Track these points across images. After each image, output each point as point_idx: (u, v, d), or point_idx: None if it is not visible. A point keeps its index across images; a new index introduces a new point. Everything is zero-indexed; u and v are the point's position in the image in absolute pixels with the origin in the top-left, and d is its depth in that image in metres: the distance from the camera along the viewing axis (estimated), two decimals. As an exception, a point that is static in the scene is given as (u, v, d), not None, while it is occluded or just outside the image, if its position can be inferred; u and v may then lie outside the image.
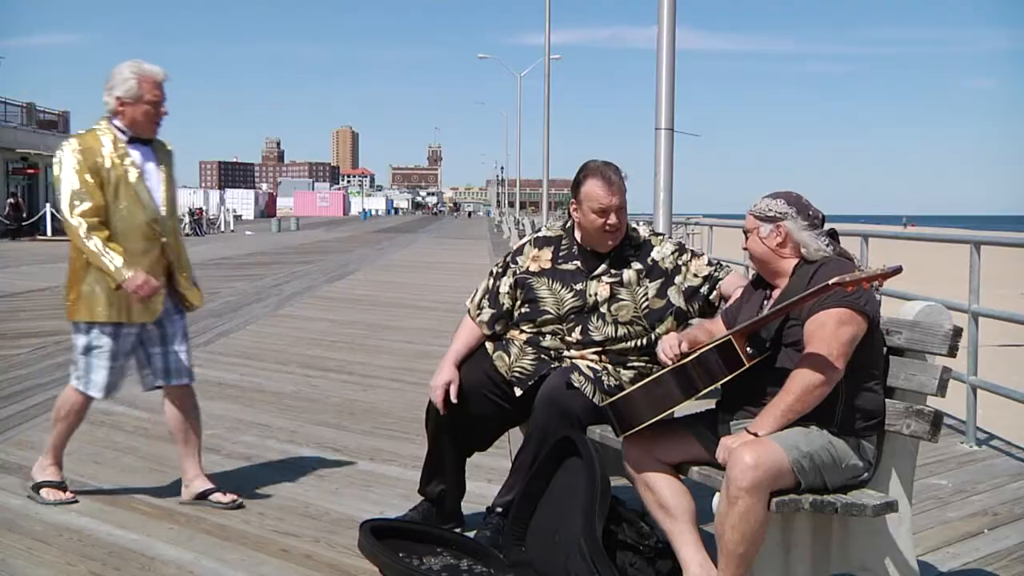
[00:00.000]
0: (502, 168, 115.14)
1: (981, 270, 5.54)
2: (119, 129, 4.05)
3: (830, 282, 2.78)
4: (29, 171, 40.27)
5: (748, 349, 2.93)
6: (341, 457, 4.99)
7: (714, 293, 3.73)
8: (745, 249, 3.25)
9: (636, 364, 3.71)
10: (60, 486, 4.19)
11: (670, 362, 3.05)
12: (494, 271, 3.95)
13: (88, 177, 3.94)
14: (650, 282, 3.71)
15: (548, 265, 3.80)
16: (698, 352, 2.96)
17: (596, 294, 3.69)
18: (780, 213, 3.11)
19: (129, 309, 4.01)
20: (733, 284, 3.69)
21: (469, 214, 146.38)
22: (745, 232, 3.21)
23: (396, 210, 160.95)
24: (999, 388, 5.53)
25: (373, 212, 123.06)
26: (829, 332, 2.87)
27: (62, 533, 3.84)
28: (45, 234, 34.77)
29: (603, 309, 3.68)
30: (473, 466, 4.07)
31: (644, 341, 3.69)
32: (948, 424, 5.56)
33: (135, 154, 4.07)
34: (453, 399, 3.72)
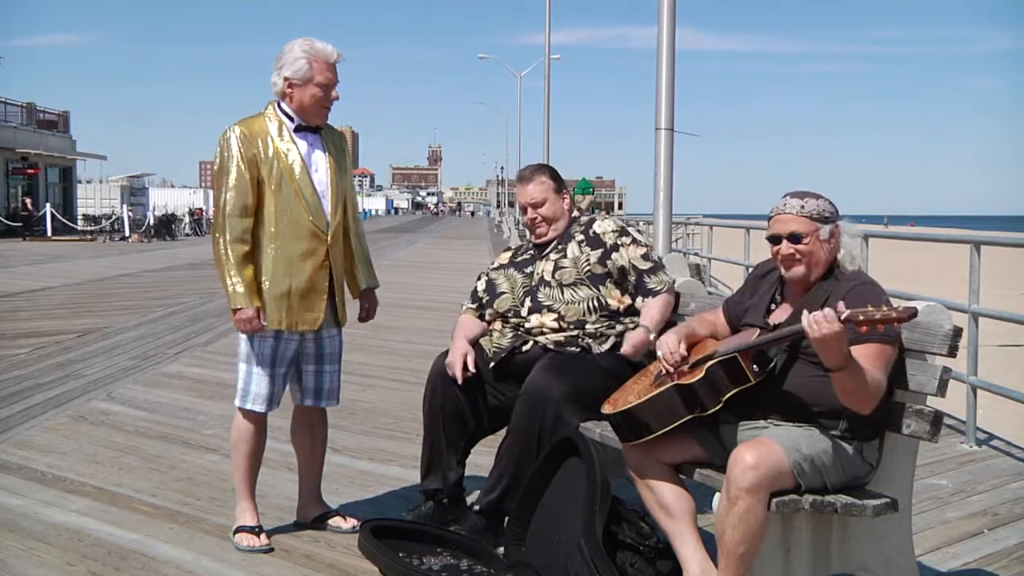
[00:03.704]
0: (502, 168, 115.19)
1: (981, 270, 5.54)
2: (286, 114, 3.68)
3: (842, 316, 2.63)
4: (29, 171, 40.29)
5: (755, 367, 2.93)
6: (341, 457, 4.99)
7: (638, 300, 3.93)
8: (792, 252, 3.00)
9: (600, 329, 3.87)
10: (254, 531, 3.73)
11: (671, 367, 3.05)
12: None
13: (244, 171, 3.59)
14: (591, 250, 3.98)
15: (507, 261, 4.24)
16: (704, 368, 2.95)
17: (543, 271, 4.02)
18: (832, 213, 3.00)
19: (291, 316, 3.66)
20: (651, 309, 3.87)
21: (472, 213, 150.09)
22: (796, 237, 2.98)
23: (396, 210, 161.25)
24: (999, 388, 5.53)
25: (373, 212, 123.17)
26: (883, 365, 2.82)
27: (62, 533, 3.84)
28: (45, 234, 34.83)
29: (548, 278, 3.98)
30: (473, 466, 4.08)
31: (595, 302, 3.90)
32: (948, 424, 5.56)
33: (301, 143, 3.68)
34: (471, 368, 3.86)
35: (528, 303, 3.98)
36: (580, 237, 4.03)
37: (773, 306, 3.15)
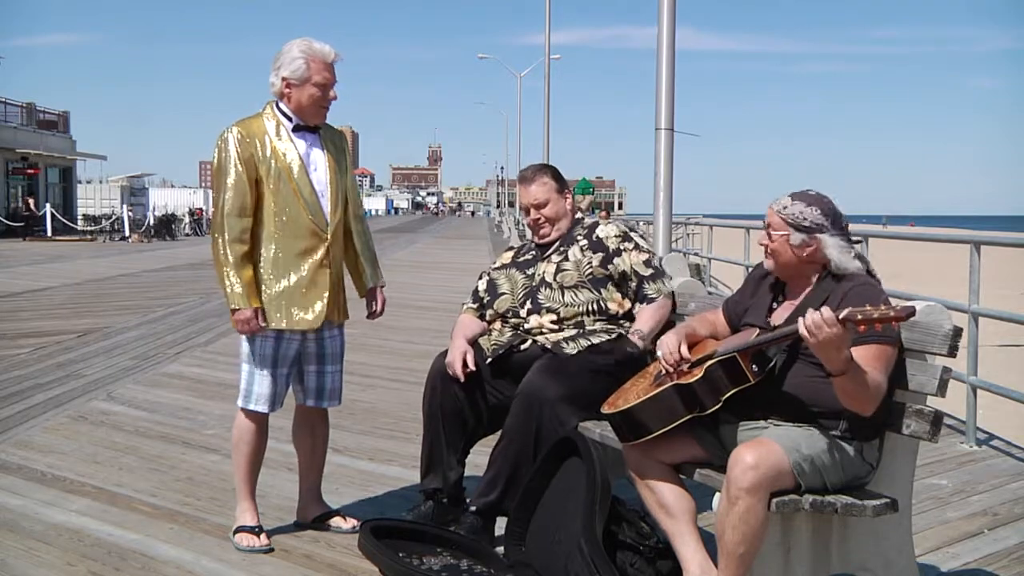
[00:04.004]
0: (502, 168, 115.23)
1: (981, 270, 5.54)
2: (284, 114, 3.69)
3: (840, 316, 2.63)
4: (29, 171, 40.30)
5: (754, 367, 2.93)
6: (341, 457, 4.99)
7: (636, 306, 3.99)
8: (763, 245, 3.11)
9: (599, 329, 3.88)
10: (254, 531, 3.73)
11: (670, 367, 3.06)
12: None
13: (243, 171, 3.60)
14: (593, 254, 4.01)
15: (509, 260, 4.27)
16: (704, 368, 2.96)
17: (544, 272, 4.04)
18: (816, 224, 3.00)
19: (290, 316, 3.66)
20: (645, 315, 3.93)
21: (472, 213, 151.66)
22: (769, 231, 3.07)
23: (396, 210, 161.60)
24: (999, 388, 5.53)
25: (373, 212, 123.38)
26: (883, 366, 2.82)
27: (62, 533, 3.84)
28: (45, 234, 34.84)
29: (549, 279, 4.00)
30: (473, 466, 4.08)
31: (595, 305, 3.93)
32: (948, 424, 5.56)
33: (300, 143, 3.69)
34: (471, 366, 3.87)
35: (528, 304, 3.99)
36: (583, 241, 4.05)
37: (775, 305, 3.15)
